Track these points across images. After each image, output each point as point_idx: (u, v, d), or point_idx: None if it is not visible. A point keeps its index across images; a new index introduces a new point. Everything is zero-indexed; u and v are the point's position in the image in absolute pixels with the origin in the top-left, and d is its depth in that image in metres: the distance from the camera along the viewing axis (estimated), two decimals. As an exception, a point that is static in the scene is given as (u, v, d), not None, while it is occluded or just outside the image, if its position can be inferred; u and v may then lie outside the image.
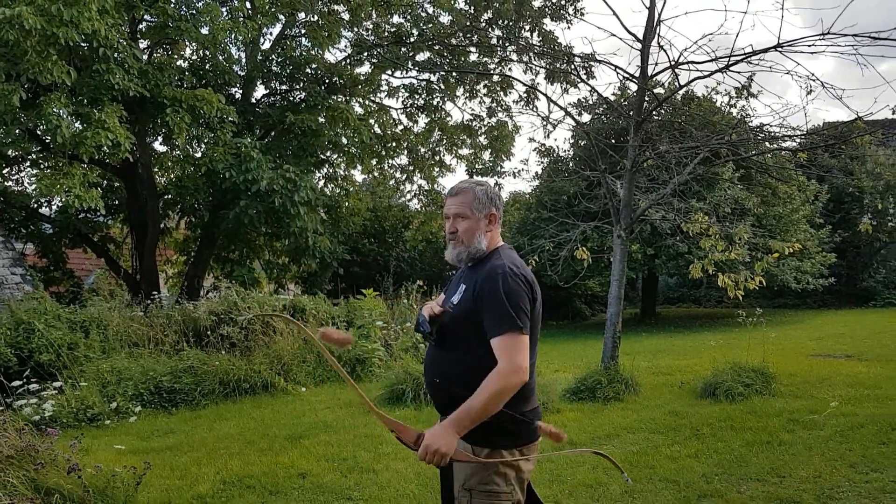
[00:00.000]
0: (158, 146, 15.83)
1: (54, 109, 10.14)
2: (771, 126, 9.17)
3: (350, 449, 6.19)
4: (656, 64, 8.15)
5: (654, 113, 9.12)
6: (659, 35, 7.90)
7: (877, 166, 20.20)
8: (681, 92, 11.31)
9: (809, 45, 7.25)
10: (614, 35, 8.14)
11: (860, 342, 12.16)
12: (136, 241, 14.91)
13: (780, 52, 7.34)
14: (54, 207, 15.20)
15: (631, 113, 8.75)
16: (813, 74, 7.40)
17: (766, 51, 7.37)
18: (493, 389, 2.41)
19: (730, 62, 7.53)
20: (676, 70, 8.06)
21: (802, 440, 5.95)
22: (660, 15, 7.87)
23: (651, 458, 5.63)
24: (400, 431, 2.59)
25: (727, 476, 5.11)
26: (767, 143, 10.19)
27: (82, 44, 10.45)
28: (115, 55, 10.89)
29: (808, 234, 17.64)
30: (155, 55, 14.01)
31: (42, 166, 13.99)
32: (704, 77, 7.95)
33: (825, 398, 7.45)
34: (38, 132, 12.60)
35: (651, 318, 20.35)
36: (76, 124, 10.92)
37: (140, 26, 13.31)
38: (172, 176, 15.76)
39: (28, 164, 14.91)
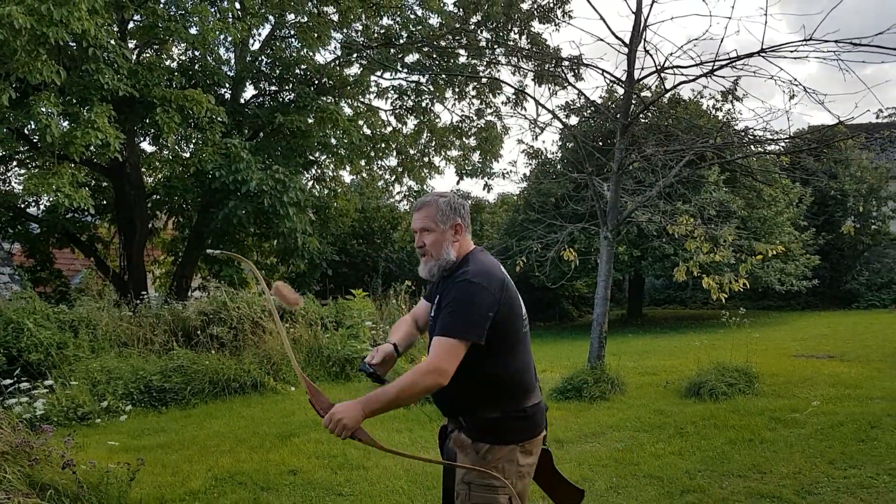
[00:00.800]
0: (147, 146, 15.86)
1: (43, 109, 10.16)
2: (755, 130, 9.30)
3: (340, 446, 6.26)
4: (642, 68, 8.28)
5: (640, 116, 9.24)
6: (645, 40, 8.02)
7: (860, 170, 20.44)
8: (667, 95, 11.44)
9: (792, 51, 7.40)
10: (601, 39, 8.27)
11: (842, 343, 12.33)
12: (124, 240, 14.91)
13: (764, 57, 7.48)
14: (42, 207, 15.19)
15: (618, 116, 8.87)
16: (795, 79, 7.56)
17: (750, 56, 7.50)
18: (406, 382, 2.51)
19: (714, 67, 7.66)
20: (662, 74, 8.18)
21: (784, 438, 6.07)
22: (646, 20, 7.99)
23: (636, 455, 5.74)
24: (314, 396, 2.62)
25: (710, 472, 5.22)
26: (752, 147, 10.33)
27: (72, 43, 10.47)
28: (105, 55, 10.91)
29: (792, 237, 17.84)
30: (144, 55, 14.03)
31: (30, 166, 13.98)
32: (690, 81, 8.07)
33: (807, 397, 7.58)
34: (27, 132, 12.60)
35: (638, 318, 20.51)
36: (65, 124, 10.93)
37: (129, 26, 13.33)
38: (161, 176, 15.77)
39: (15, 163, 14.89)
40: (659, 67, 7.99)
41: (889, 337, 12.17)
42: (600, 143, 16.11)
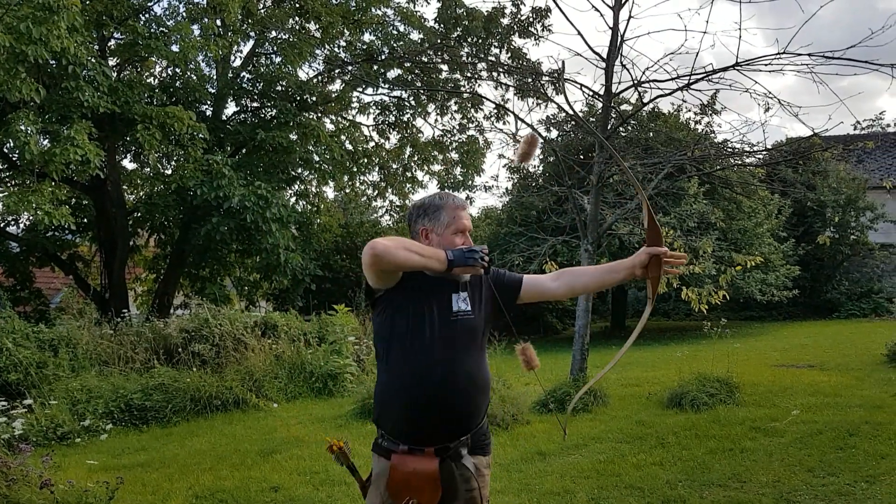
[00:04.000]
0: (128, 163, 15.79)
1: (22, 127, 10.11)
2: (733, 142, 9.43)
3: (322, 462, 6.24)
4: (620, 82, 8.37)
5: (619, 129, 9.34)
6: (622, 55, 8.12)
7: (837, 181, 20.69)
8: (646, 109, 11.58)
9: (767, 64, 7.52)
10: (579, 55, 8.36)
11: (822, 352, 12.44)
12: (105, 258, 14.81)
13: (739, 70, 7.60)
14: (21, 226, 15.08)
15: (597, 129, 8.95)
16: (770, 92, 7.65)
17: (725, 69, 7.62)
18: None
19: (691, 81, 7.77)
20: (640, 88, 8.28)
21: (763, 447, 6.12)
22: (623, 35, 8.09)
23: (617, 466, 5.76)
24: None
25: (690, 482, 5.25)
26: (731, 159, 10.46)
27: (51, 61, 10.44)
28: (85, 73, 10.89)
29: (772, 248, 18.00)
30: (125, 72, 14.00)
31: (9, 184, 13.88)
32: (667, 95, 8.18)
33: (787, 406, 7.65)
34: (5, 150, 12.52)
35: (621, 331, 20.57)
36: (44, 142, 10.88)
37: (110, 44, 13.31)
38: (142, 193, 15.70)
39: (-7, 182, 14.79)
40: (636, 82, 8.10)
41: (868, 346, 12.29)
42: (581, 157, 16.22)
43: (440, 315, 2.55)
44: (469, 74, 15.08)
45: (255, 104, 15.97)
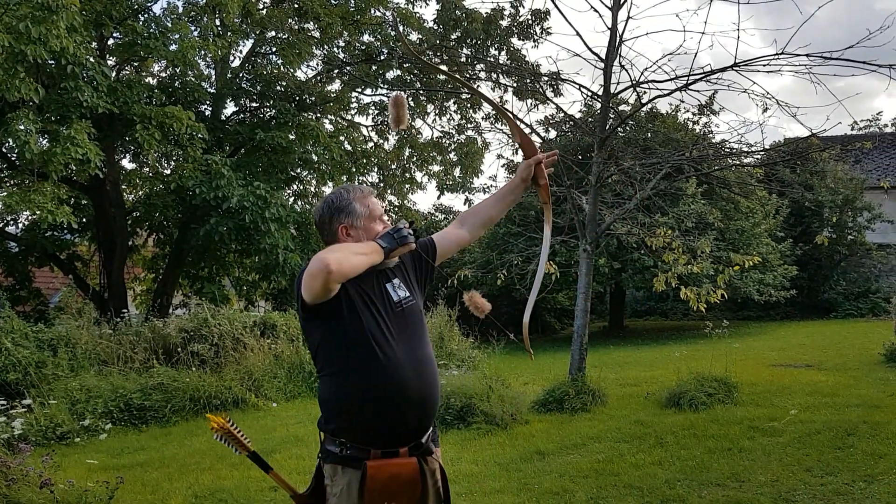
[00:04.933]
0: (127, 163, 15.80)
1: (21, 126, 10.12)
2: (731, 142, 9.45)
3: (321, 462, 6.25)
4: (618, 83, 8.38)
5: (618, 130, 9.36)
6: (621, 55, 8.14)
7: (835, 181, 20.73)
8: (644, 109, 11.60)
9: (765, 64, 7.54)
10: (578, 55, 8.37)
11: (820, 352, 12.47)
12: (104, 258, 14.81)
13: (737, 71, 7.61)
14: (20, 226, 15.07)
15: (595, 130, 8.97)
16: (768, 93, 7.67)
17: (723, 70, 7.63)
18: None
19: (689, 81, 7.78)
20: (638, 89, 8.29)
21: (762, 446, 6.14)
22: (621, 36, 8.10)
23: (616, 465, 5.78)
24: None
25: (689, 482, 5.27)
26: (729, 160, 10.49)
27: (50, 61, 10.45)
28: (84, 72, 10.90)
29: (769, 248, 18.04)
30: (124, 72, 14.01)
31: (9, 184, 13.88)
32: (665, 95, 8.19)
33: (785, 406, 7.66)
34: (4, 150, 12.52)
35: (619, 330, 20.60)
36: (44, 142, 10.89)
37: (109, 43, 13.32)
38: (141, 193, 15.71)
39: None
40: (635, 82, 8.11)
41: (866, 346, 12.31)
42: (579, 157, 16.24)
43: (385, 309, 2.49)
44: (468, 75, 15.11)
45: (254, 104, 15.99)
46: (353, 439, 2.44)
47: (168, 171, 14.33)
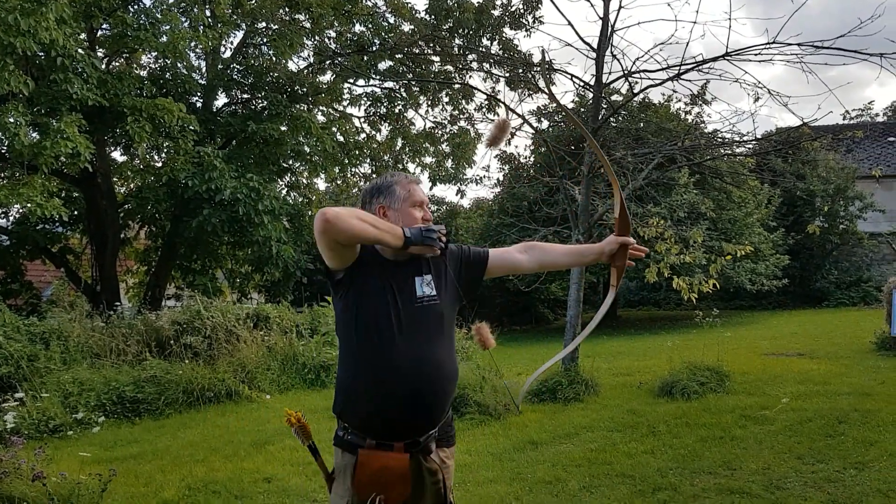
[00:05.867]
0: (118, 156, 15.73)
1: (11, 119, 10.05)
2: (723, 132, 9.46)
3: (315, 453, 6.26)
4: (610, 72, 8.37)
5: (610, 120, 9.35)
6: (612, 45, 8.13)
7: (827, 171, 20.79)
8: (637, 99, 11.60)
9: (757, 54, 7.54)
10: (570, 45, 8.36)
11: (812, 341, 12.53)
12: (96, 251, 14.76)
13: (729, 60, 7.62)
14: (11, 219, 15.00)
15: (588, 120, 8.97)
16: (760, 82, 7.68)
17: (715, 59, 7.64)
18: None
19: (681, 71, 7.78)
20: (630, 78, 8.29)
21: (753, 435, 6.17)
22: (613, 25, 8.10)
23: (609, 454, 5.80)
24: None
25: (681, 470, 5.30)
26: (722, 150, 10.49)
27: (39, 53, 10.37)
28: (74, 64, 10.82)
29: (762, 237, 18.10)
30: (114, 64, 13.92)
31: (-2, 177, 13.80)
32: (657, 85, 8.19)
33: (777, 395, 7.70)
34: (-6, 142, 12.45)
35: (612, 321, 20.65)
36: (33, 134, 10.82)
37: (98, 35, 13.23)
38: (133, 185, 15.64)
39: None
40: (626, 72, 8.11)
41: (857, 334, 12.38)
42: (571, 148, 16.23)
43: (403, 301, 2.45)
44: (460, 66, 15.07)
45: (245, 96, 15.93)
46: (352, 425, 2.45)
47: (160, 164, 14.27)
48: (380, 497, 2.36)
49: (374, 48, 15.57)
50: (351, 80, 16.48)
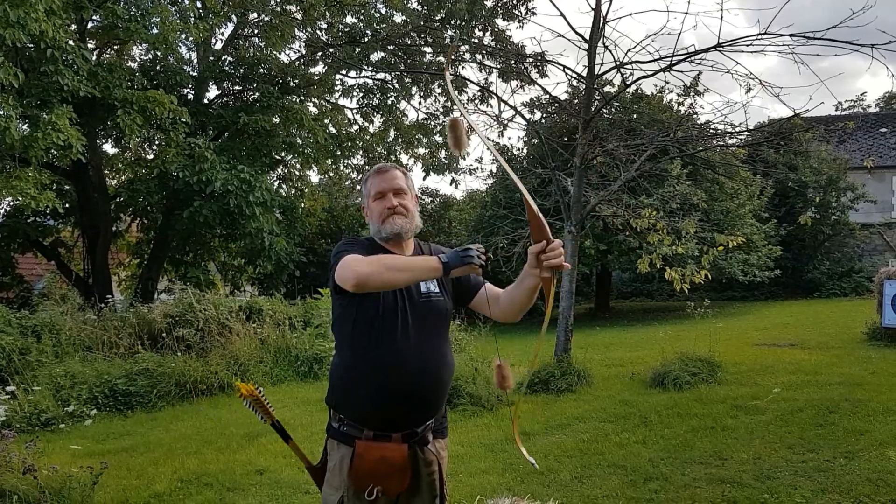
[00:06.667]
0: (109, 148, 15.66)
1: (1, 112, 9.99)
2: (715, 123, 9.48)
3: (308, 445, 6.23)
4: (602, 63, 8.36)
5: (602, 111, 9.34)
6: (605, 35, 8.11)
7: (819, 161, 20.84)
8: (630, 90, 11.60)
9: (749, 44, 7.54)
10: (562, 35, 8.34)
11: (803, 331, 12.58)
12: (88, 244, 14.72)
13: (721, 51, 7.61)
14: (2, 212, 14.94)
15: (580, 111, 8.96)
16: (751, 73, 7.68)
17: (706, 50, 7.63)
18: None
19: (672, 62, 7.77)
20: (622, 70, 8.28)
21: (745, 425, 6.20)
22: (605, 16, 8.08)
23: (601, 445, 5.83)
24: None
25: (672, 460, 5.32)
26: (714, 141, 10.50)
27: (29, 45, 10.31)
28: (64, 56, 10.75)
29: (754, 228, 18.13)
30: (105, 56, 13.84)
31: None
32: (649, 76, 8.19)
33: (768, 385, 7.73)
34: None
35: (605, 312, 20.68)
36: (24, 126, 10.76)
37: (88, 26, 13.15)
38: (124, 178, 15.59)
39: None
40: (619, 63, 8.09)
41: (848, 324, 12.43)
42: (565, 139, 16.23)
43: (410, 296, 2.45)
44: (453, 57, 15.03)
45: (237, 87, 15.88)
46: (349, 416, 2.45)
47: (151, 156, 14.22)
48: (377, 488, 2.36)
49: (366, 39, 15.52)
50: (343, 72, 16.45)
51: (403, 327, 2.41)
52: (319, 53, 16.07)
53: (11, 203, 13.54)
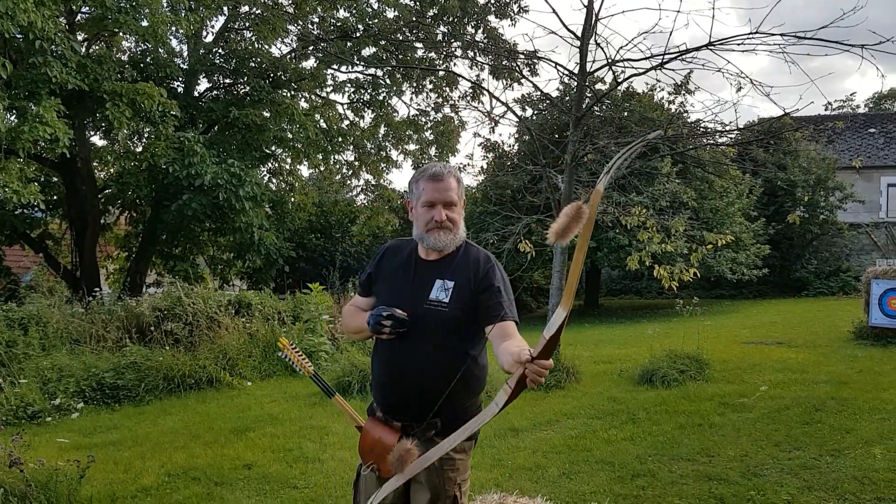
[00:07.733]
0: (98, 140, 15.56)
1: (-13, 103, 9.90)
2: (705, 122, 9.51)
3: (296, 440, 6.26)
4: (594, 61, 8.37)
5: (594, 109, 9.36)
6: (596, 33, 8.12)
7: (808, 161, 20.94)
8: (621, 88, 11.61)
9: (739, 43, 7.56)
10: (554, 32, 8.34)
11: (791, 330, 12.65)
12: (76, 236, 14.62)
13: (712, 50, 7.63)
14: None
15: (571, 108, 8.96)
16: (742, 72, 7.71)
17: (698, 49, 7.65)
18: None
19: (664, 60, 7.79)
20: (614, 67, 8.29)
21: (732, 422, 6.24)
22: (597, 13, 8.09)
23: (589, 441, 5.84)
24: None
25: (660, 457, 5.34)
26: (704, 139, 10.53)
27: (18, 36, 10.21)
28: (53, 48, 10.66)
29: (743, 227, 18.22)
30: (94, 48, 13.74)
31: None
32: (640, 74, 8.20)
33: (755, 383, 7.78)
34: (-29, 126, 12.24)
35: (594, 309, 20.75)
36: (12, 118, 10.67)
37: (78, 18, 13.03)
38: (113, 170, 15.49)
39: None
40: (610, 61, 8.10)
41: (835, 323, 12.51)
42: (556, 136, 16.25)
43: (416, 300, 2.50)
44: (444, 52, 15.02)
45: (227, 81, 15.79)
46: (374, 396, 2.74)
47: (140, 149, 14.13)
48: (374, 465, 2.57)
49: (358, 34, 15.47)
50: (334, 67, 16.39)
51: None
52: (311, 48, 16.01)
53: (-2, 194, 13.45)
